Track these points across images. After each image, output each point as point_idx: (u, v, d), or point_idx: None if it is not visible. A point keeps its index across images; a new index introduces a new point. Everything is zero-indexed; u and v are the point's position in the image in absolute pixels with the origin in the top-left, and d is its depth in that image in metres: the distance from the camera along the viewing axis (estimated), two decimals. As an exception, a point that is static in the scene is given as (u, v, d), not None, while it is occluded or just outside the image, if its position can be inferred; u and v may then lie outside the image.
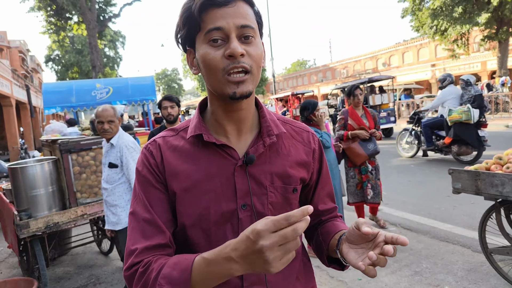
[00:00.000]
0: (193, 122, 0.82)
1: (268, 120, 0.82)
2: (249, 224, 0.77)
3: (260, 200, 0.79)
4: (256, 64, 0.73)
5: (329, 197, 0.95)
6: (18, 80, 17.53)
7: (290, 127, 0.89)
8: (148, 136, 2.91)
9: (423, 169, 6.63)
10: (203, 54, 0.72)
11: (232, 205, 0.78)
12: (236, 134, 0.81)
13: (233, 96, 0.72)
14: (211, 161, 0.78)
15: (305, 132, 0.90)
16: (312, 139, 0.90)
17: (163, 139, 0.82)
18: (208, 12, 0.71)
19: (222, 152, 0.79)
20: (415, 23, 17.89)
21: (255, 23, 0.75)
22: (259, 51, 0.74)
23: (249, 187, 0.78)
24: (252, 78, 0.73)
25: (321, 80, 37.77)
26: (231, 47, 0.69)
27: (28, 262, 3.25)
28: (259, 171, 0.79)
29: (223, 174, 0.78)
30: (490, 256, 2.65)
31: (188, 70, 42.30)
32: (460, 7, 15.04)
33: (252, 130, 0.83)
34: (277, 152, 0.82)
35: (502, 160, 2.54)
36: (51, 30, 20.75)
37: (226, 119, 0.79)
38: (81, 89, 7.24)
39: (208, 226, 0.78)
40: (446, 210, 4.30)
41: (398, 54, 30.97)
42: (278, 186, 0.81)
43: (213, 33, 0.70)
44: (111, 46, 33.53)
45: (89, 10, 17.85)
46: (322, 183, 0.92)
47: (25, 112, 17.86)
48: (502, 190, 2.34)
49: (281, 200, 0.81)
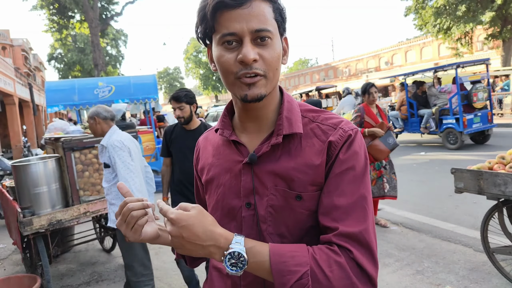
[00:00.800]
0: (220, 117, 0.87)
1: (282, 119, 0.77)
2: (252, 223, 0.77)
3: (261, 201, 0.77)
4: (271, 68, 0.71)
5: (336, 209, 0.70)
6: (21, 79, 17.59)
7: (317, 125, 0.77)
8: (164, 133, 2.82)
9: (425, 168, 6.61)
10: (217, 56, 0.72)
11: (237, 202, 0.79)
12: (254, 131, 0.80)
13: (245, 99, 0.72)
14: (227, 157, 0.82)
15: (332, 129, 0.75)
16: (336, 133, 0.74)
17: (207, 134, 0.94)
18: (222, 14, 0.69)
19: (235, 149, 0.81)
20: (418, 22, 17.80)
21: (273, 23, 0.71)
22: (275, 53, 0.71)
23: (253, 186, 0.77)
24: (265, 82, 0.71)
25: (323, 79, 37.67)
26: (243, 52, 0.68)
27: (31, 259, 3.27)
28: (263, 171, 0.77)
29: (233, 170, 0.80)
30: (492, 256, 2.64)
31: (190, 69, 42.27)
32: (464, 5, 14.95)
33: (270, 127, 0.80)
34: (288, 153, 0.76)
35: (505, 160, 2.53)
36: (53, 28, 20.80)
37: (245, 117, 0.80)
38: (83, 87, 7.25)
39: (218, 219, 0.80)
40: (448, 209, 4.29)
41: (401, 53, 30.82)
42: (281, 189, 0.75)
43: (227, 38, 0.69)
44: (113, 45, 33.56)
45: (91, 8, 17.87)
46: (332, 185, 0.72)
47: (28, 110, 17.93)
48: (505, 190, 2.34)
49: (284, 205, 0.75)
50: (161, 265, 3.60)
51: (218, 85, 41.09)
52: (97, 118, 2.44)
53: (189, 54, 41.63)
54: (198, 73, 41.58)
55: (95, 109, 2.46)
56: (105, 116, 2.44)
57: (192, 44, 41.53)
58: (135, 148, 2.50)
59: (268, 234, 0.76)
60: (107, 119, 2.45)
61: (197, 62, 41.28)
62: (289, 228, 0.76)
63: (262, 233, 0.76)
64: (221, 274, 0.83)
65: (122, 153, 2.29)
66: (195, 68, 41.59)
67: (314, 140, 0.76)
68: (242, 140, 0.80)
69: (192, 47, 41.45)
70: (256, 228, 0.77)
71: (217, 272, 0.85)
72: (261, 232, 0.76)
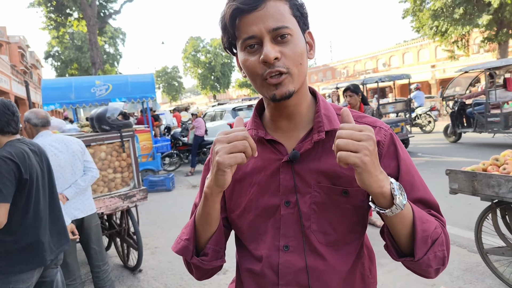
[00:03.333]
0: (250, 118, 0.86)
1: (322, 115, 0.78)
2: (291, 221, 0.77)
3: (304, 198, 0.77)
4: (295, 63, 0.71)
5: (420, 203, 0.78)
6: (17, 76, 17.49)
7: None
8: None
9: (421, 169, 6.65)
10: (242, 61, 0.74)
11: (275, 200, 0.78)
12: (288, 129, 0.81)
13: (274, 98, 0.73)
14: (260, 155, 0.81)
15: (371, 126, 0.77)
16: (378, 132, 0.78)
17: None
18: (240, 20, 0.71)
19: (271, 147, 0.80)
20: (415, 24, 17.88)
21: (292, 20, 0.72)
22: (297, 49, 0.71)
23: (294, 184, 0.77)
24: (291, 78, 0.71)
25: (321, 79, 37.75)
26: (264, 52, 0.69)
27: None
28: (305, 169, 0.77)
29: (269, 169, 0.79)
30: (486, 257, 2.67)
31: (189, 68, 42.16)
32: (461, 8, 15.03)
33: (306, 125, 0.80)
34: (330, 149, 0.76)
35: (498, 161, 2.56)
36: (51, 26, 20.67)
37: (278, 115, 0.80)
38: (80, 85, 7.23)
39: (252, 218, 0.80)
40: (443, 210, 4.24)
41: (399, 55, 30.95)
42: (325, 186, 0.76)
43: (248, 42, 0.71)
44: (111, 43, 33.45)
45: (89, 6, 17.79)
46: (404, 182, 0.76)
47: (24, 108, 17.84)
48: (498, 191, 2.36)
49: (328, 201, 0.76)
50: (157, 264, 3.60)
51: (216, 85, 41.05)
52: (27, 123, 2.40)
53: (188, 53, 41.53)
54: (197, 72, 41.50)
55: (27, 114, 2.40)
56: (35, 123, 2.38)
57: (191, 43, 41.45)
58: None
59: (311, 232, 0.77)
60: (37, 126, 2.38)
61: (195, 61, 41.20)
62: (333, 225, 0.77)
63: (305, 230, 0.76)
64: (254, 275, 0.82)
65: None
66: (194, 67, 41.50)
67: None
68: (277, 139, 0.80)
69: (191, 46, 41.36)
70: (295, 227, 0.77)
71: (249, 273, 0.83)
72: (304, 229, 0.76)
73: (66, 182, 2.44)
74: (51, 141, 2.41)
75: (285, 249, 0.77)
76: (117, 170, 3.38)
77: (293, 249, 0.77)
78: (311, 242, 0.77)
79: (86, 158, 2.61)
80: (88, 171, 2.58)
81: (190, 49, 41.40)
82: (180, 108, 18.96)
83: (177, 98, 50.33)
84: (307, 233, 0.76)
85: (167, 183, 6.96)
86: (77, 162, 2.51)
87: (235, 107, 10.80)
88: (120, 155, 3.40)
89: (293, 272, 0.77)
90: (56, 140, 2.45)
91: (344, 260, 0.78)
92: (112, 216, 3.71)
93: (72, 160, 2.48)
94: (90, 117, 3.53)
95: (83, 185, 2.50)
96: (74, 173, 2.49)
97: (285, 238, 0.78)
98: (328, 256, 0.77)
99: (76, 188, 2.46)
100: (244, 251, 0.85)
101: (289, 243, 0.77)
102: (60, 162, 2.40)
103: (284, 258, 0.77)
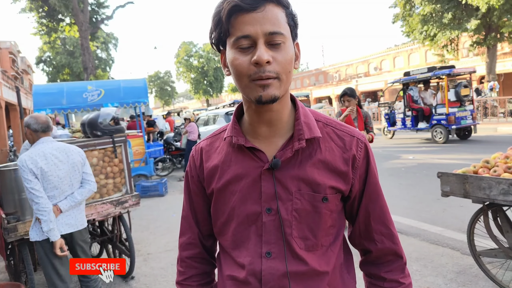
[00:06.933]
0: (229, 124, 0.85)
1: (301, 123, 0.79)
2: (273, 228, 0.78)
3: (285, 205, 0.77)
4: (284, 70, 0.72)
5: (381, 224, 0.83)
6: (8, 82, 17.26)
7: (332, 129, 0.82)
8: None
9: (414, 172, 6.70)
10: (231, 59, 0.73)
11: (256, 207, 0.79)
12: (268, 136, 0.80)
13: (260, 100, 0.72)
14: (241, 163, 0.81)
15: (349, 136, 0.81)
16: (356, 145, 0.80)
17: (208, 140, 0.90)
18: (237, 18, 0.71)
19: (252, 155, 0.80)
20: (405, 29, 18.14)
21: (286, 27, 0.73)
22: (288, 56, 0.72)
23: (275, 192, 0.77)
24: (279, 84, 0.72)
25: (314, 83, 37.99)
26: (257, 54, 0.69)
27: (15, 267, 3.19)
28: (286, 176, 0.77)
29: (250, 176, 0.79)
30: (479, 259, 2.68)
31: (181, 73, 42.09)
32: (449, 13, 15.30)
33: (286, 132, 0.80)
34: (309, 157, 0.78)
35: (489, 164, 2.59)
36: (42, 31, 20.53)
37: (258, 121, 0.79)
38: (72, 91, 7.16)
39: (235, 226, 0.81)
40: (436, 213, 4.35)
41: (390, 59, 31.32)
42: (306, 193, 0.77)
43: (241, 40, 0.71)
44: (104, 48, 33.26)
45: (81, 11, 17.70)
46: (368, 198, 0.82)
47: (14, 114, 17.57)
48: (489, 193, 2.38)
49: (309, 208, 0.78)
50: (149, 271, 3.55)
51: (209, 89, 41.00)
52: (27, 129, 2.37)
53: (180, 58, 41.47)
54: (189, 77, 41.43)
55: (27, 119, 2.37)
56: (35, 129, 2.34)
57: (183, 48, 41.41)
58: (46, 166, 2.25)
59: (292, 238, 0.78)
60: (37, 131, 2.35)
61: (188, 66, 41.14)
62: (313, 230, 0.79)
63: (286, 237, 0.78)
64: (237, 283, 0.82)
65: (23, 173, 2.18)
66: (186, 72, 41.43)
67: (331, 144, 0.80)
68: (257, 146, 0.80)
69: (183, 51, 41.32)
70: (277, 233, 0.78)
71: (232, 281, 0.83)
72: (285, 236, 0.77)
73: (62, 193, 2.35)
74: (52, 150, 2.34)
75: (268, 255, 0.78)
76: (109, 175, 3.34)
77: (275, 256, 0.78)
78: (292, 248, 0.78)
79: (86, 170, 2.50)
80: (85, 183, 2.48)
81: (182, 54, 41.36)
82: (172, 112, 18.88)
83: (169, 102, 50.14)
84: (288, 240, 0.78)
85: (160, 188, 6.91)
86: (76, 174, 2.42)
87: (228, 112, 10.81)
88: (112, 160, 3.37)
89: (276, 278, 0.77)
90: (57, 148, 2.37)
91: (323, 262, 0.80)
92: (104, 222, 3.66)
93: (72, 172, 2.39)
94: (82, 123, 3.49)
95: (79, 198, 2.41)
96: (72, 185, 2.40)
97: (267, 245, 0.79)
98: (309, 259, 0.78)
99: (71, 201, 2.37)
100: (227, 258, 0.85)
101: (271, 250, 0.78)
102: (59, 173, 2.32)
103: (267, 264, 0.78)
